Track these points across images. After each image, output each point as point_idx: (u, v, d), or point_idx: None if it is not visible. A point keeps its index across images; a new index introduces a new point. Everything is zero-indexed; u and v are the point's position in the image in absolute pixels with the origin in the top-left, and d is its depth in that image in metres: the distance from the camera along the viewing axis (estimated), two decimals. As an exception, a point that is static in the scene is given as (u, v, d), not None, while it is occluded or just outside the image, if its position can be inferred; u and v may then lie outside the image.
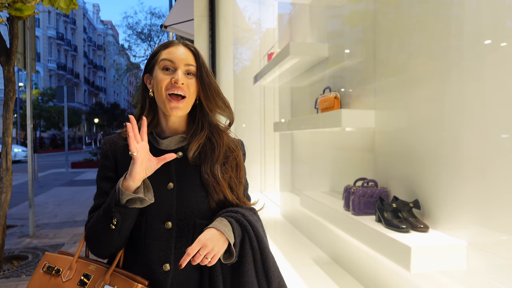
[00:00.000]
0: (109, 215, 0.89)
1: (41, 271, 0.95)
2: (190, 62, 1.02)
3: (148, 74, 1.07)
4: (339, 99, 1.92)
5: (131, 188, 0.89)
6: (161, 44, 1.07)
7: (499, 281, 1.03)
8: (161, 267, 0.95)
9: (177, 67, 1.00)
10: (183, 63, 1.00)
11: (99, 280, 0.91)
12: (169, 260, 0.95)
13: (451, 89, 1.21)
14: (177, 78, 0.98)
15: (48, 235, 4.55)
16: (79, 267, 0.95)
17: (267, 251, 0.99)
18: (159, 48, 1.05)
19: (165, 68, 1.00)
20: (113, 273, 0.92)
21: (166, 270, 0.95)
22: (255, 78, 3.32)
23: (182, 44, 1.04)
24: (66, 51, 39.23)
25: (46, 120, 27.93)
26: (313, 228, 2.54)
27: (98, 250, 0.97)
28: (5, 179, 3.36)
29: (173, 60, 1.00)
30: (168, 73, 1.00)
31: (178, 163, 1.02)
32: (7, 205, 3.38)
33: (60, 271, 0.94)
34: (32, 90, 4.58)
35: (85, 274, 0.93)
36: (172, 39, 10.24)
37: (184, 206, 0.98)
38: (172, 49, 1.02)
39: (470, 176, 1.13)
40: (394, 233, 1.27)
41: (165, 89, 0.99)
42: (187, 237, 0.98)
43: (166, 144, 1.04)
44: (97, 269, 0.94)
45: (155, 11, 32.55)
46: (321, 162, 2.39)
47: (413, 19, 1.43)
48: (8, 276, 3.19)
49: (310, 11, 2.59)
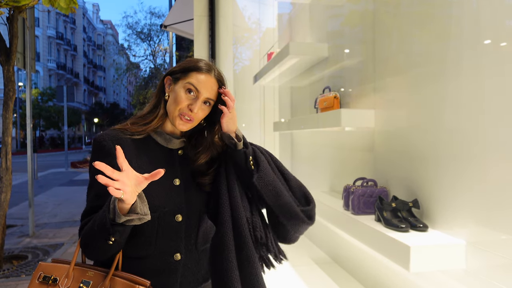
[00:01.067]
0: (107, 233, 0.87)
1: (36, 282, 0.91)
2: (212, 96, 1.05)
3: (170, 78, 1.07)
4: (338, 98, 1.92)
5: (126, 208, 0.85)
6: (197, 61, 1.06)
7: (498, 280, 1.04)
8: (172, 257, 1.03)
9: (199, 97, 1.03)
10: (206, 96, 1.04)
11: (98, 286, 0.89)
12: (180, 250, 1.04)
13: (451, 88, 1.21)
14: (193, 107, 1.02)
15: (48, 234, 4.56)
16: (76, 274, 0.92)
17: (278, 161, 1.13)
18: (195, 67, 1.04)
19: (189, 91, 1.03)
20: (112, 277, 0.91)
21: (177, 260, 1.03)
22: (254, 78, 3.33)
23: (213, 76, 1.05)
24: (66, 50, 39.20)
25: (45, 120, 27.92)
26: (312, 228, 2.53)
27: (96, 257, 0.99)
28: (5, 178, 3.36)
29: (199, 90, 1.03)
30: (188, 96, 1.03)
31: (181, 161, 1.09)
32: (7, 204, 3.38)
33: (57, 280, 0.90)
34: (32, 90, 4.58)
35: (83, 281, 0.90)
36: (172, 39, 10.12)
37: (190, 200, 1.07)
38: (203, 78, 1.03)
39: (470, 176, 1.14)
40: (393, 232, 1.27)
41: (179, 110, 1.02)
42: (194, 226, 1.07)
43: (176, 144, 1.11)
44: (95, 275, 0.91)
45: (154, 11, 32.53)
46: (321, 162, 2.40)
47: (412, 18, 1.43)
48: (8, 275, 3.19)
49: (310, 11, 2.59)
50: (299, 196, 1.10)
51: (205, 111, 1.06)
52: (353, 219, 1.51)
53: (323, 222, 2.27)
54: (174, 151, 1.09)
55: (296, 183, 1.12)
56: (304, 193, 1.11)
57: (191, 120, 1.03)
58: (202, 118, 1.07)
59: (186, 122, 1.03)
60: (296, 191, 1.10)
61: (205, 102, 1.05)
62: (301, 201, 1.10)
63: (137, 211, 0.86)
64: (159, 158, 1.06)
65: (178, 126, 1.04)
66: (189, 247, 1.06)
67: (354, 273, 1.91)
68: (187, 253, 1.06)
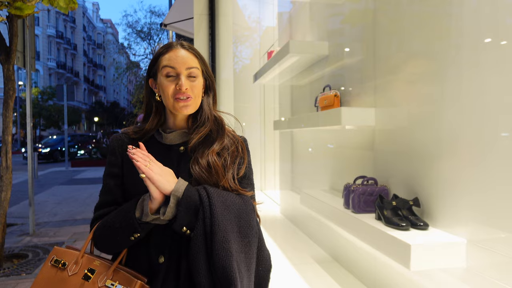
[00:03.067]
0: (132, 230, 0.93)
1: (49, 264, 0.99)
2: (191, 64, 1.03)
3: (152, 79, 1.08)
4: (339, 97, 1.91)
5: (154, 208, 0.92)
6: (161, 47, 1.07)
7: (499, 278, 1.04)
8: (157, 259, 0.99)
9: (179, 73, 1.01)
10: (184, 67, 1.02)
11: (102, 275, 0.95)
12: (164, 252, 0.99)
13: (451, 87, 1.21)
14: (181, 84, 1.00)
15: (48, 233, 4.56)
16: (84, 262, 0.98)
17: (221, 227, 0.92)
18: (159, 53, 1.05)
19: (168, 75, 1.02)
20: (116, 269, 0.96)
21: (160, 262, 0.99)
22: (255, 77, 3.32)
23: (180, 47, 1.05)
24: (66, 49, 39.17)
25: (46, 119, 27.91)
26: (313, 226, 2.54)
27: (108, 249, 1.01)
28: (5, 177, 3.36)
29: (174, 66, 1.01)
30: (171, 80, 1.02)
31: (180, 158, 1.05)
32: (7, 203, 3.38)
33: (66, 265, 0.97)
34: (32, 89, 4.58)
35: (89, 269, 0.97)
36: (172, 38, 10.19)
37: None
38: (171, 54, 1.03)
39: (470, 174, 1.13)
40: (394, 231, 1.27)
41: (171, 96, 1.01)
42: None
43: (170, 139, 1.07)
44: (101, 264, 0.97)
45: (154, 10, 32.40)
46: (321, 160, 2.39)
47: (412, 17, 1.43)
48: (8, 274, 3.19)
49: (310, 9, 2.59)
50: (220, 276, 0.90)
51: (197, 84, 1.03)
52: (353, 217, 1.51)
53: (323, 221, 2.27)
54: (174, 147, 1.07)
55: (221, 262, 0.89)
56: (226, 276, 0.89)
57: (188, 98, 1.01)
58: (199, 93, 1.04)
59: (185, 102, 1.01)
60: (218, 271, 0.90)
61: (190, 76, 1.02)
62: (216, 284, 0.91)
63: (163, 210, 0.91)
64: (156, 155, 1.03)
65: (181, 110, 1.01)
66: (173, 250, 0.98)
67: (355, 272, 1.91)
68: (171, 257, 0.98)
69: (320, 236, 2.40)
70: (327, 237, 2.27)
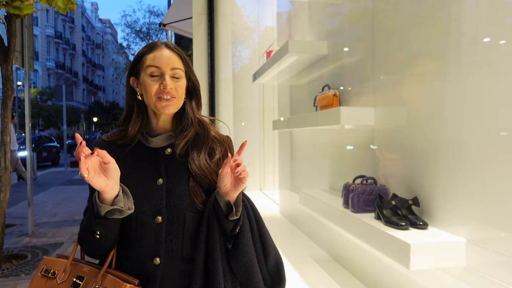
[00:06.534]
0: (92, 227, 0.91)
1: (39, 275, 0.99)
2: (175, 65, 1.02)
3: (134, 78, 1.06)
4: (338, 96, 1.91)
5: (108, 200, 0.90)
6: (145, 46, 1.06)
7: (498, 277, 1.04)
8: (152, 261, 0.98)
9: (163, 72, 1.00)
10: (169, 67, 1.01)
11: (91, 281, 0.95)
12: (159, 254, 0.98)
13: (450, 86, 1.21)
14: (165, 84, 0.99)
15: (47, 234, 4.55)
16: (73, 269, 0.98)
17: (262, 222, 1.04)
18: (143, 52, 1.04)
19: (152, 75, 1.01)
20: (104, 274, 0.95)
21: (156, 264, 0.98)
22: (254, 76, 3.32)
23: (165, 47, 1.04)
24: (65, 49, 39.11)
25: (44, 119, 27.87)
26: (312, 226, 2.54)
27: (90, 252, 1.01)
28: (3, 178, 3.35)
29: (159, 66, 1.00)
30: (155, 79, 1.00)
31: (167, 160, 1.04)
32: (6, 204, 3.37)
33: (55, 274, 0.97)
34: (31, 89, 4.58)
35: (78, 276, 0.97)
36: (171, 37, 10.21)
37: (173, 200, 1.00)
38: (156, 54, 1.02)
39: (469, 173, 1.13)
40: (393, 230, 1.27)
41: (154, 95, 1.00)
42: (177, 230, 0.99)
43: (155, 142, 1.06)
44: (90, 270, 0.97)
45: (153, 10, 32.42)
46: (320, 160, 2.39)
47: (412, 17, 1.43)
48: (7, 275, 3.18)
49: (309, 9, 2.59)
50: (273, 273, 1.04)
51: (180, 85, 1.03)
52: (352, 217, 1.51)
53: (322, 220, 2.27)
54: (160, 150, 1.05)
55: (275, 258, 1.04)
56: (279, 272, 1.05)
57: (172, 97, 1.00)
58: (182, 94, 1.04)
59: (168, 102, 1.00)
60: (271, 267, 1.03)
61: (174, 77, 1.01)
62: (274, 280, 1.04)
63: (119, 204, 0.90)
64: (143, 158, 1.04)
65: (163, 110, 1.00)
66: (170, 253, 0.98)
67: (354, 271, 1.91)
68: (168, 259, 0.98)
69: (320, 235, 2.40)
70: (326, 236, 2.27)
